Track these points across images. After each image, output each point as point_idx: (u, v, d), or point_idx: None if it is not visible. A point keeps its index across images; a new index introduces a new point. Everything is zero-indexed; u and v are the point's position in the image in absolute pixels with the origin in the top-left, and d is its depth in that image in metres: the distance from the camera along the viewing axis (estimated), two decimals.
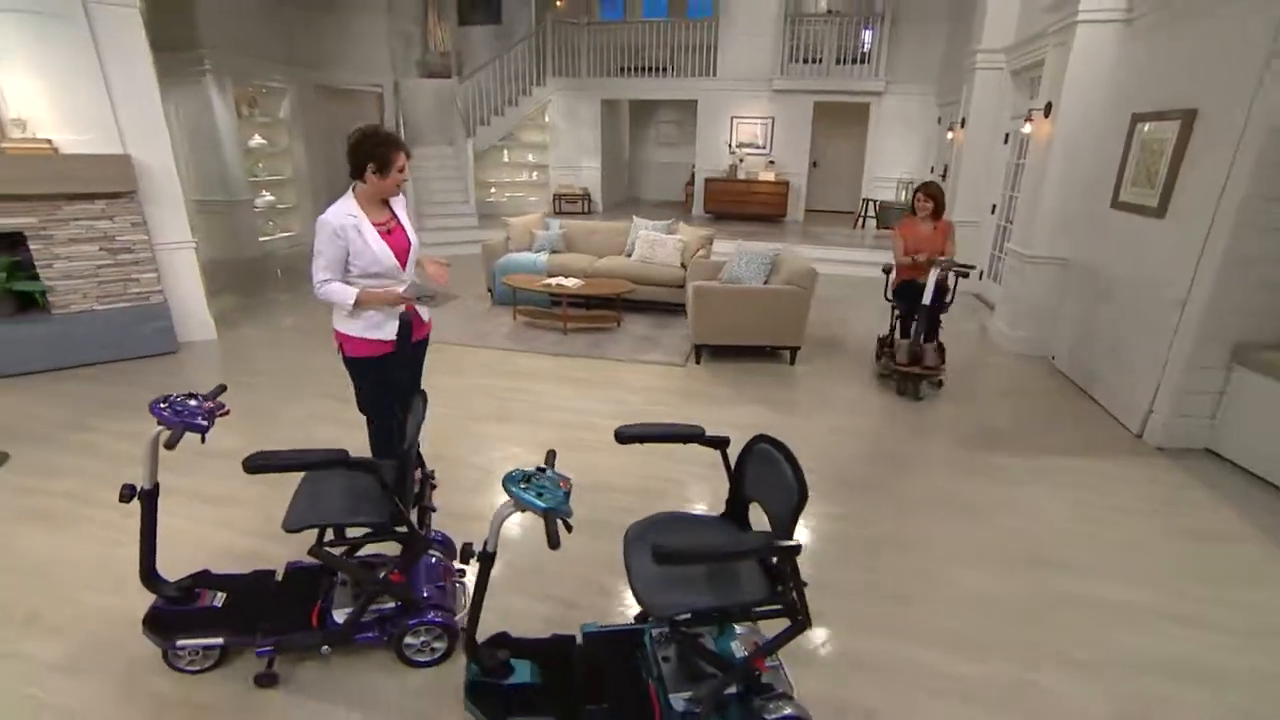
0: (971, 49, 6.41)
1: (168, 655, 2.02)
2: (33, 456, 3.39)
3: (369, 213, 2.38)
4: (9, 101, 4.26)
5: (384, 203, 2.47)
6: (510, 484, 1.52)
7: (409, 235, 2.51)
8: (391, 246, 2.41)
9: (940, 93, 8.96)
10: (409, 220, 2.55)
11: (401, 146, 2.37)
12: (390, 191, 2.44)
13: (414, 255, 2.54)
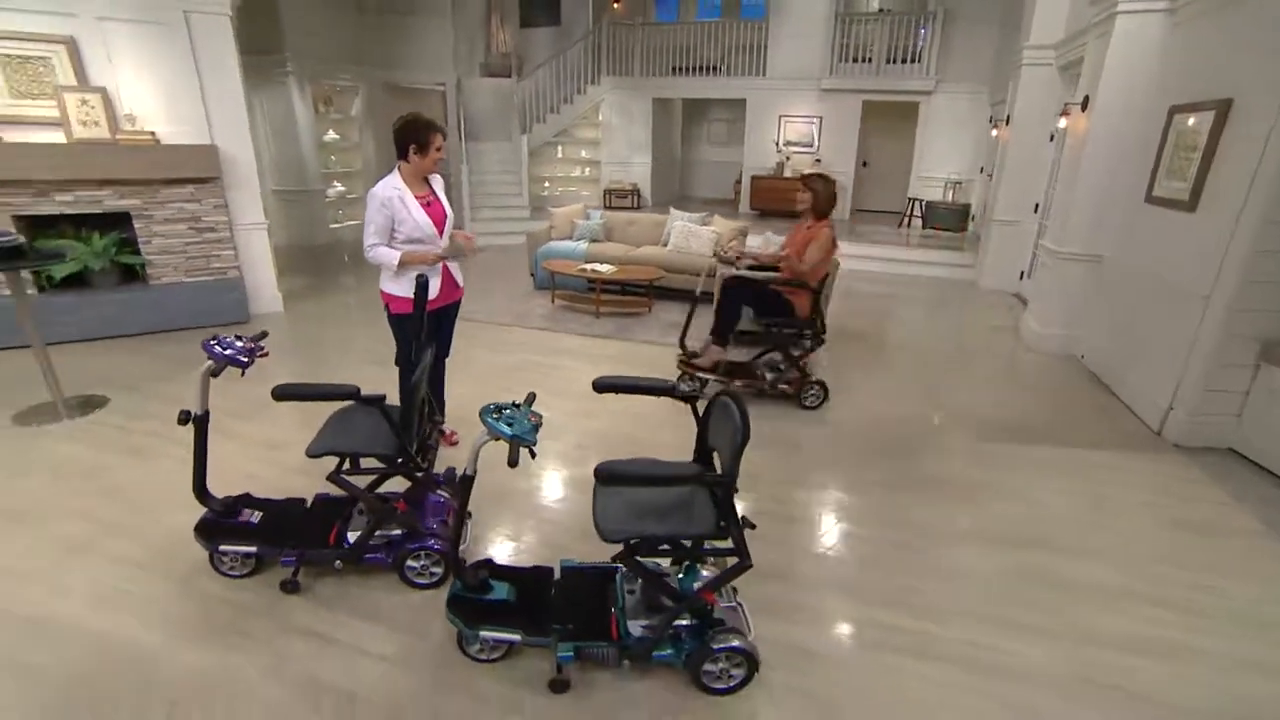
0: (1019, 45, 6.28)
1: (214, 559, 2.37)
2: (126, 402, 3.92)
3: (412, 187, 2.78)
4: (123, 99, 4.85)
5: (425, 179, 2.88)
6: (484, 414, 1.75)
7: (445, 208, 2.93)
8: (431, 216, 2.82)
9: (992, 91, 8.74)
10: (444, 196, 2.96)
11: (439, 130, 2.75)
12: (429, 169, 2.81)
13: (449, 226, 2.95)
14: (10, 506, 2.85)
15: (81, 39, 4.65)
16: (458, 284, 3.09)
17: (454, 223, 3.00)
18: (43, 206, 4.80)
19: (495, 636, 1.93)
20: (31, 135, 4.65)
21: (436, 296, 2.91)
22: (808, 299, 3.82)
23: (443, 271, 2.97)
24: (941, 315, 6.43)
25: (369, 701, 1.91)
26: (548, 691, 1.93)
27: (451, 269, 3.04)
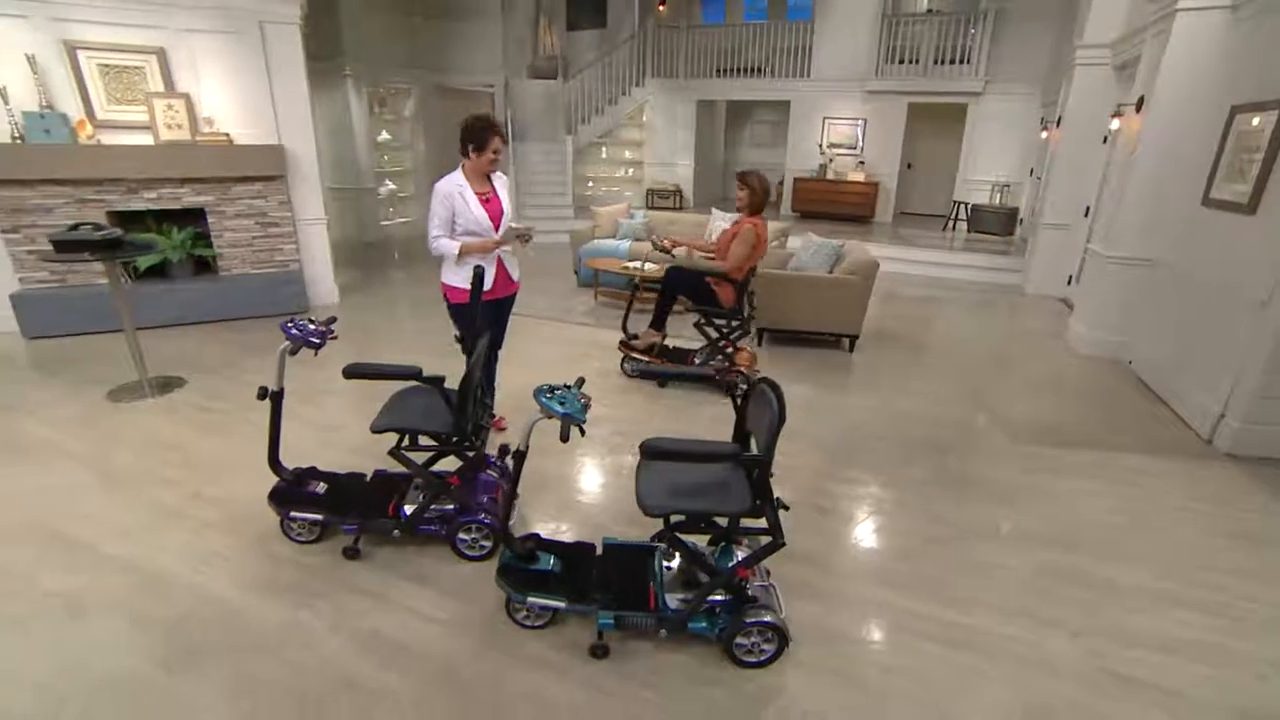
0: (1073, 45, 6.16)
1: (284, 525, 2.58)
2: (203, 383, 4.23)
3: (473, 183, 2.98)
4: (202, 103, 5.21)
5: (486, 177, 3.05)
6: (538, 394, 1.89)
7: (503, 205, 3.10)
8: (488, 212, 3.00)
9: (1044, 92, 8.53)
10: (506, 194, 3.13)
11: (497, 133, 2.90)
12: (485, 168, 2.98)
13: (505, 221, 3.10)
14: (112, 472, 3.14)
15: (170, 49, 5.02)
16: (512, 278, 3.25)
17: (510, 220, 3.14)
18: (132, 203, 5.19)
19: (542, 603, 2.07)
20: (124, 138, 5.03)
21: (492, 288, 3.06)
22: (731, 289, 4.03)
23: (498, 265, 3.13)
24: (985, 319, 6.35)
25: (424, 656, 2.07)
26: (589, 657, 2.06)
27: (507, 264, 3.19)
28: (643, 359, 4.24)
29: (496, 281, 3.12)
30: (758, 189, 3.90)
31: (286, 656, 2.08)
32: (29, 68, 4.61)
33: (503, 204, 3.09)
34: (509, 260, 3.21)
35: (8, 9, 4.51)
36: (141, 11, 4.85)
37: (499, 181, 3.11)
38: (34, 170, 4.76)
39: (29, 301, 4.95)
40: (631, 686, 1.97)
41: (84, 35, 4.77)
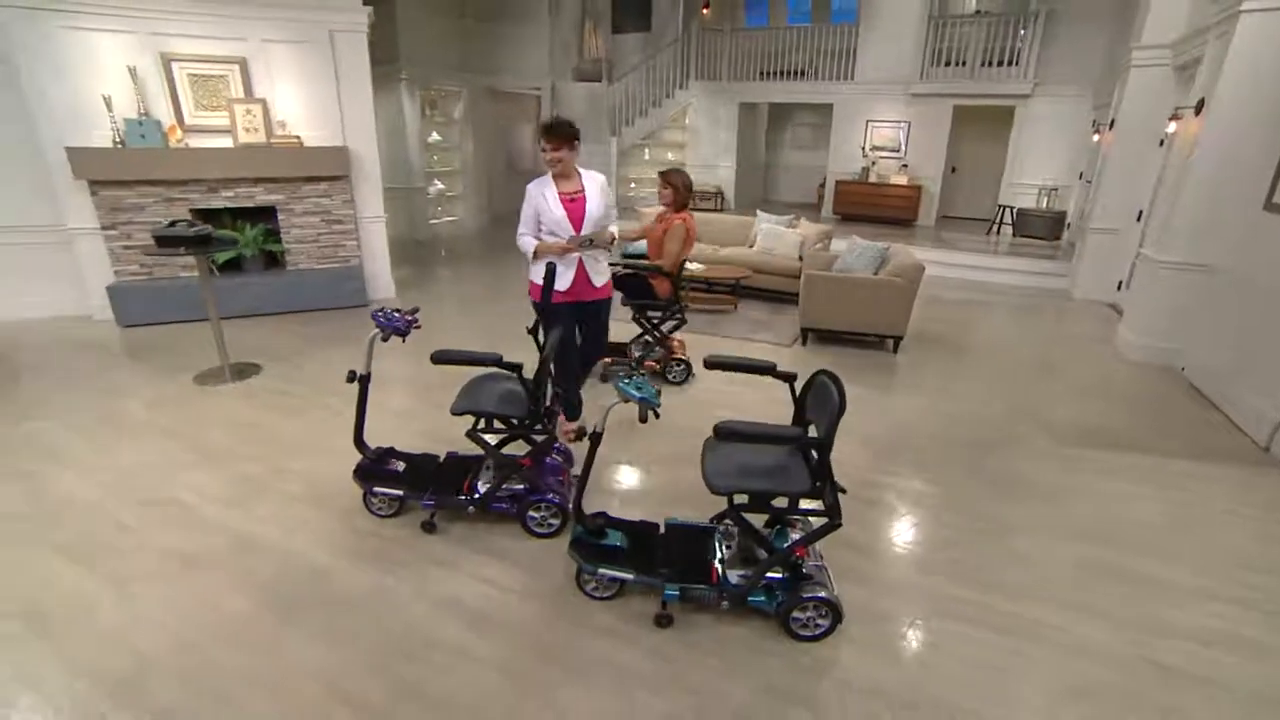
0: (1129, 45, 6.08)
1: (366, 500, 2.80)
2: (276, 370, 4.53)
3: (560, 184, 3.03)
4: (276, 107, 5.54)
5: (575, 176, 3.05)
6: (617, 381, 2.05)
7: (589, 207, 3.04)
8: (569, 211, 3.01)
9: (1096, 94, 8.39)
10: (599, 195, 3.07)
11: (545, 133, 2.94)
12: (549, 168, 3.03)
13: (590, 222, 3.04)
14: (205, 449, 3.42)
15: (250, 59, 5.35)
16: (593, 283, 3.18)
17: (598, 222, 3.06)
18: (212, 201, 5.55)
19: (611, 574, 2.24)
20: (207, 141, 5.39)
21: (569, 290, 3.13)
22: (667, 283, 4.19)
23: (577, 267, 3.11)
24: (1031, 323, 6.32)
25: (502, 622, 2.26)
26: (654, 626, 2.22)
27: (588, 267, 3.13)
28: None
29: (574, 284, 3.12)
30: (681, 187, 4.09)
31: (376, 616, 2.28)
32: (130, 78, 5.00)
33: (589, 205, 3.03)
34: (591, 264, 3.14)
35: (115, 26, 4.90)
36: (229, 25, 5.20)
37: (593, 182, 3.06)
38: (131, 172, 5.15)
39: (122, 293, 5.34)
40: (695, 654, 2.12)
41: (178, 48, 5.14)
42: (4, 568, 2.50)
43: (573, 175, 3.06)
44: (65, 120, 4.94)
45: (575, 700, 1.96)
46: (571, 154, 2.97)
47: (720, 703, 1.96)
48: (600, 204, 3.06)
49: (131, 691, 1.96)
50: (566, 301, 3.16)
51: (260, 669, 2.05)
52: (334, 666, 2.06)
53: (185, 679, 2.01)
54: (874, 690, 2.02)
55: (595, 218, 3.05)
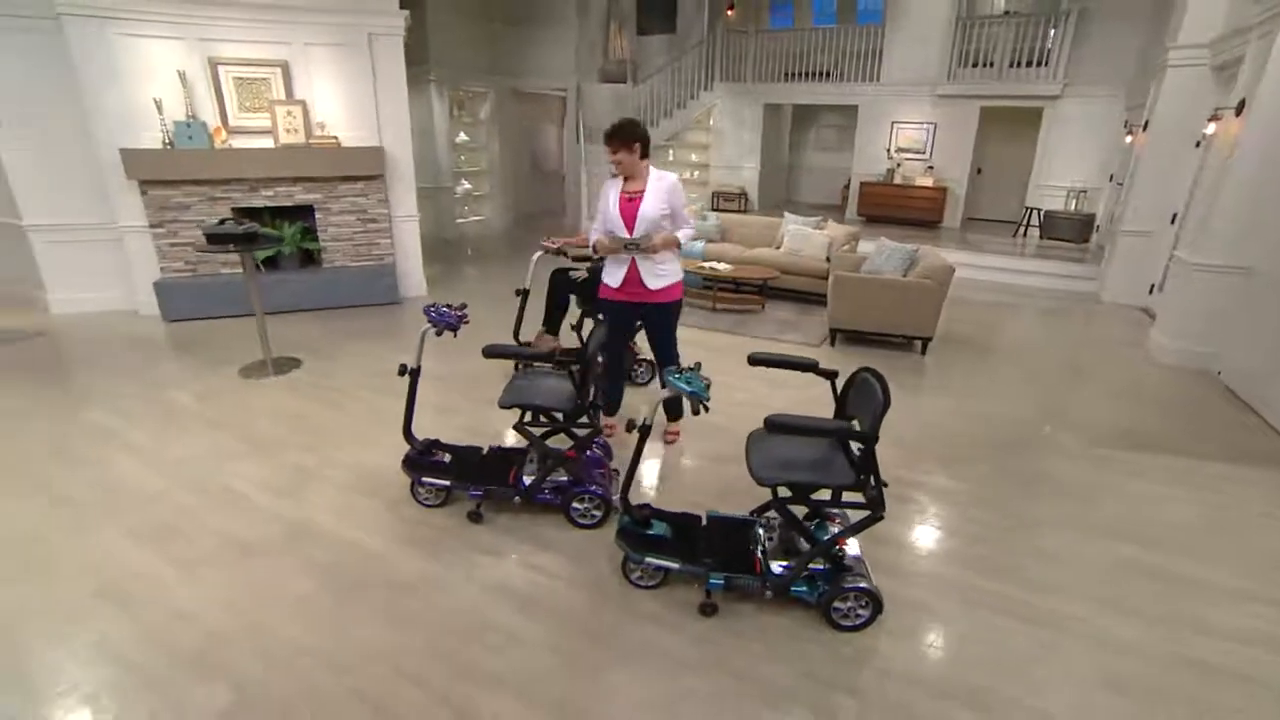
0: (1165, 45, 6.02)
1: (414, 489, 2.91)
2: (315, 364, 4.67)
3: (627, 183, 3.09)
4: (316, 109, 5.70)
5: (643, 177, 3.05)
6: (668, 374, 2.13)
7: (643, 207, 3.03)
8: (623, 210, 3.06)
9: (1129, 95, 8.30)
10: (657, 196, 3.03)
11: (609, 137, 3.01)
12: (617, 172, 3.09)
13: (643, 222, 3.03)
14: (254, 440, 3.55)
15: (292, 61, 5.51)
16: (645, 284, 3.13)
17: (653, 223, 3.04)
18: (253, 200, 5.72)
19: (657, 563, 2.31)
20: (250, 142, 5.56)
21: (620, 287, 3.17)
22: None
23: (629, 267, 3.12)
24: (1059, 326, 6.30)
25: (550, 608, 2.34)
26: (698, 615, 2.29)
27: (641, 269, 3.11)
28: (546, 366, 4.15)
29: (625, 282, 3.15)
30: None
31: (430, 598, 2.38)
32: (180, 82, 5.17)
33: (643, 206, 3.02)
34: (645, 265, 3.11)
35: (167, 33, 5.08)
36: (273, 30, 5.36)
37: (658, 183, 3.03)
38: (179, 172, 5.33)
39: (168, 288, 5.53)
40: (739, 641, 2.20)
41: (225, 53, 5.31)
42: (83, 547, 2.63)
43: (639, 175, 3.06)
44: (119, 123, 5.13)
45: (624, 681, 2.05)
46: (631, 155, 2.98)
47: (764, 688, 2.02)
48: (656, 205, 3.03)
49: (209, 664, 2.07)
50: (618, 299, 3.22)
51: (326, 647, 2.15)
52: (395, 646, 2.16)
53: (258, 654, 2.12)
54: (913, 678, 2.08)
55: (649, 219, 3.03)
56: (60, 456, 3.35)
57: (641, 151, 2.99)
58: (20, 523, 2.80)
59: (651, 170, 3.09)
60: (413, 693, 1.98)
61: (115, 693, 1.97)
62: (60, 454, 3.37)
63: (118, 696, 1.96)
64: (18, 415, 3.80)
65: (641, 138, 2.97)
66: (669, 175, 3.09)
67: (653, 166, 3.10)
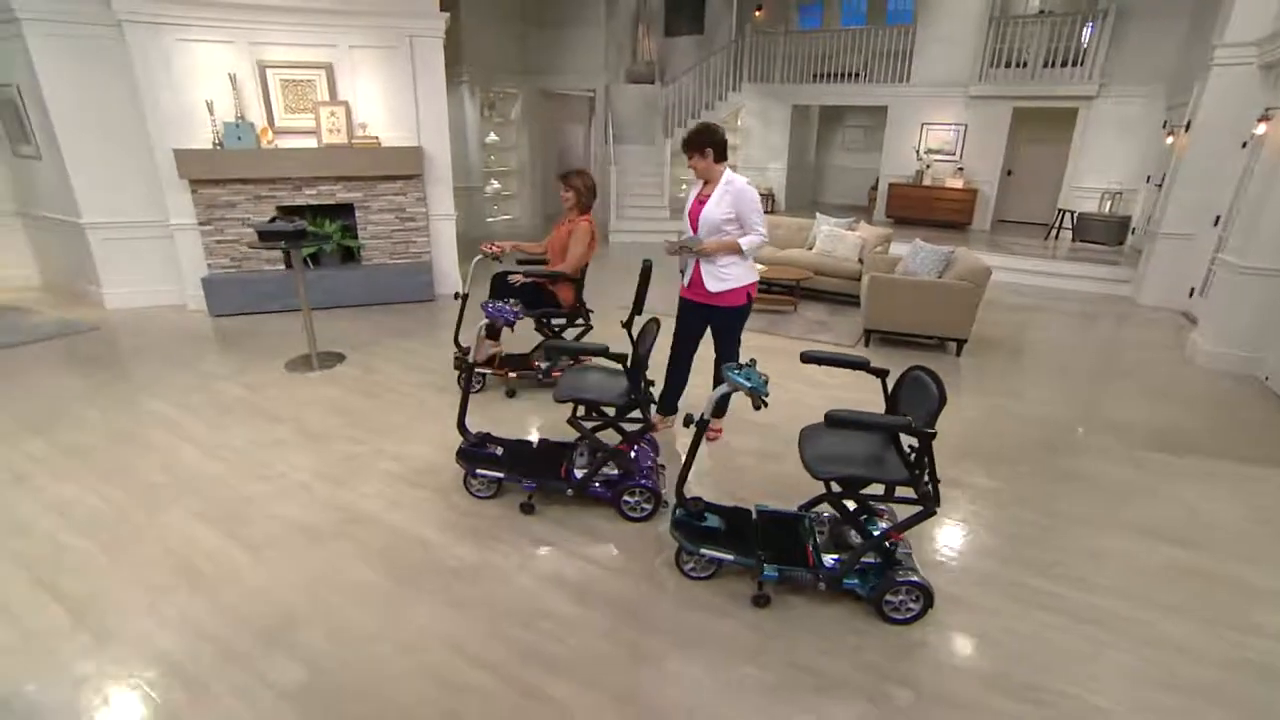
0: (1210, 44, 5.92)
1: (466, 481, 2.99)
2: (357, 359, 4.79)
3: (704, 186, 3.16)
4: (357, 109, 5.83)
5: (717, 181, 3.09)
6: (727, 370, 2.19)
7: (704, 210, 3.10)
8: (692, 211, 3.16)
9: (1170, 94, 8.17)
10: (719, 200, 3.07)
11: (686, 144, 3.07)
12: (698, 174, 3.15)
13: (704, 224, 3.09)
14: (306, 431, 3.67)
15: (336, 63, 5.65)
16: (706, 287, 3.18)
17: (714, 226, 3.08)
18: (296, 198, 5.87)
19: (712, 554, 2.37)
20: (294, 142, 5.71)
21: (688, 288, 3.29)
22: (570, 289, 4.02)
23: (695, 267, 3.20)
24: (1095, 328, 6.24)
25: (604, 596, 2.41)
26: (751, 605, 2.34)
27: (703, 271, 3.16)
28: (486, 371, 4.08)
29: (692, 283, 3.25)
30: (582, 189, 3.91)
31: (487, 585, 2.46)
32: (230, 85, 5.34)
33: (705, 210, 3.08)
34: (708, 268, 3.15)
35: (221, 37, 5.25)
36: (321, 33, 5.51)
37: (725, 187, 3.05)
38: (228, 171, 5.49)
39: (215, 284, 5.70)
40: (793, 632, 2.24)
41: (273, 56, 5.46)
42: (159, 527, 2.76)
43: (715, 179, 3.10)
44: (173, 124, 5.30)
45: (683, 668, 2.10)
46: (704, 160, 3.03)
47: (821, 677, 2.07)
48: (717, 209, 3.06)
49: (283, 640, 2.17)
50: (686, 299, 3.32)
51: (391, 629, 2.24)
52: (456, 630, 2.24)
53: (326, 633, 2.21)
54: (965, 672, 2.11)
55: (710, 221, 3.08)
56: (128, 442, 3.49)
57: (715, 156, 3.03)
58: (103, 502, 2.93)
59: (726, 174, 3.10)
60: (478, 674, 2.06)
61: (199, 662, 2.07)
62: (128, 440, 3.51)
63: (202, 666, 2.06)
64: (86, 402, 3.96)
65: (714, 143, 3.01)
66: (738, 180, 3.08)
67: (729, 170, 3.11)
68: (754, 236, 3.10)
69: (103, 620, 2.25)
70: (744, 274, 3.21)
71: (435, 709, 1.93)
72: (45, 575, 2.45)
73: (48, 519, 2.80)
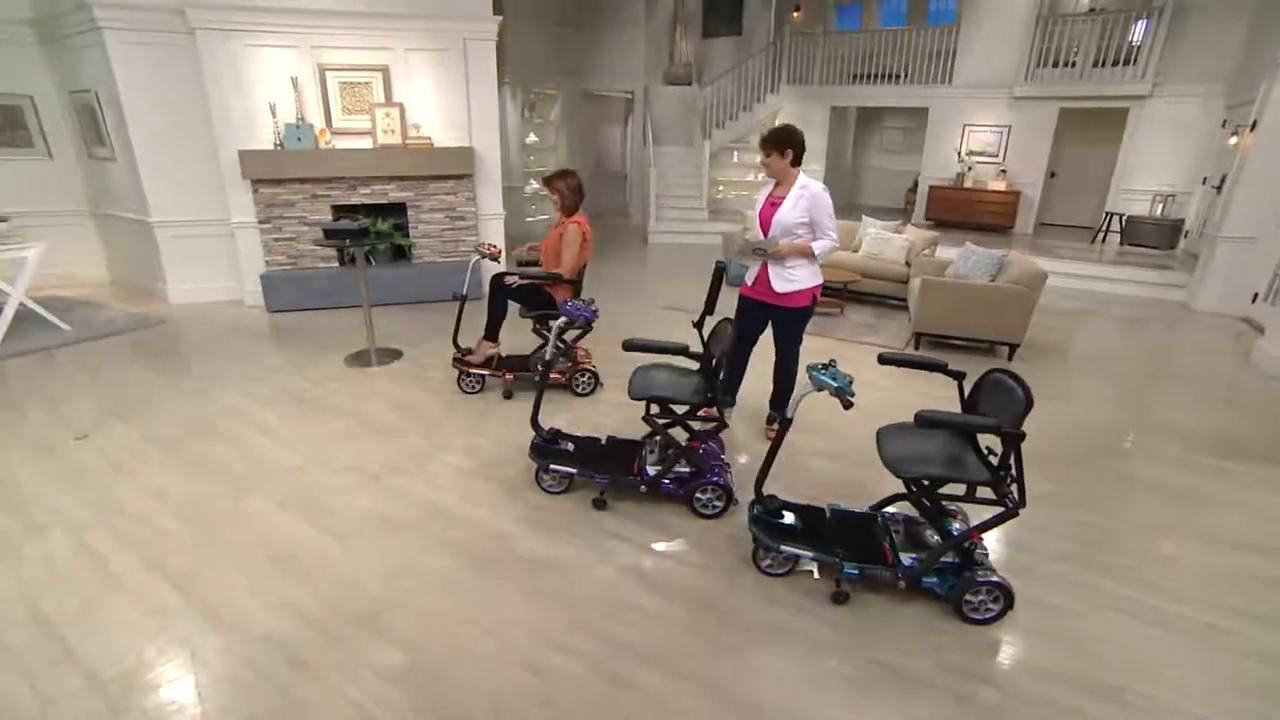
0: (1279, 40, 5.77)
1: (538, 475, 3.06)
2: (413, 355, 4.92)
3: (776, 188, 3.19)
4: (412, 110, 5.97)
5: (790, 183, 3.11)
6: (812, 370, 2.22)
7: (779, 213, 3.12)
8: (763, 214, 3.20)
9: (1231, 93, 7.94)
10: (794, 203, 3.10)
11: (763, 141, 3.10)
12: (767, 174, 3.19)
13: (777, 227, 3.12)
14: (373, 424, 3.78)
15: (392, 66, 5.79)
16: (771, 287, 3.23)
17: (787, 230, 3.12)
18: (350, 198, 6.02)
19: (791, 551, 2.41)
20: (350, 143, 5.87)
21: (753, 287, 3.34)
22: (568, 290, 4.02)
23: (762, 267, 3.26)
24: (1150, 334, 6.13)
25: (683, 590, 2.46)
26: (829, 602, 2.38)
27: (771, 271, 3.22)
28: (484, 373, 4.14)
29: (758, 282, 3.31)
30: (566, 190, 3.92)
31: (566, 577, 2.53)
32: (291, 88, 5.51)
33: (779, 212, 3.11)
34: (774, 270, 3.20)
35: (286, 42, 5.44)
36: (379, 36, 5.66)
37: (799, 190, 3.07)
38: (287, 171, 5.67)
39: (272, 281, 5.88)
40: (873, 629, 2.27)
41: (333, 59, 5.63)
42: (246, 515, 2.88)
43: (787, 181, 3.13)
44: (238, 126, 5.49)
45: (766, 661, 2.14)
46: (781, 161, 3.07)
47: (904, 674, 2.10)
48: (793, 213, 3.09)
49: (376, 625, 2.26)
50: (750, 297, 3.37)
51: (478, 617, 2.31)
52: (541, 619, 2.30)
53: (418, 620, 2.29)
54: (1050, 673, 2.11)
55: (784, 225, 3.11)
56: (206, 432, 3.63)
57: (792, 159, 3.06)
58: (193, 490, 3.07)
59: (800, 178, 3.13)
60: (568, 662, 2.12)
61: (302, 643, 2.17)
62: (206, 430, 3.66)
63: (305, 646, 2.15)
64: (164, 394, 4.13)
65: (794, 144, 3.04)
66: (814, 185, 3.10)
67: (802, 174, 3.14)
68: (826, 241, 3.13)
69: (207, 599, 2.36)
70: (810, 276, 3.26)
71: (531, 696, 2.00)
72: (152, 556, 2.58)
73: (146, 503, 2.94)
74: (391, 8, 5.59)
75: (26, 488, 3.06)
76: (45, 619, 2.25)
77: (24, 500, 2.95)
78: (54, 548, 2.63)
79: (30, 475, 3.16)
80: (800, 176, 3.12)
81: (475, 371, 4.16)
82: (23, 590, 2.38)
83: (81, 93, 5.79)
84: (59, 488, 3.05)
